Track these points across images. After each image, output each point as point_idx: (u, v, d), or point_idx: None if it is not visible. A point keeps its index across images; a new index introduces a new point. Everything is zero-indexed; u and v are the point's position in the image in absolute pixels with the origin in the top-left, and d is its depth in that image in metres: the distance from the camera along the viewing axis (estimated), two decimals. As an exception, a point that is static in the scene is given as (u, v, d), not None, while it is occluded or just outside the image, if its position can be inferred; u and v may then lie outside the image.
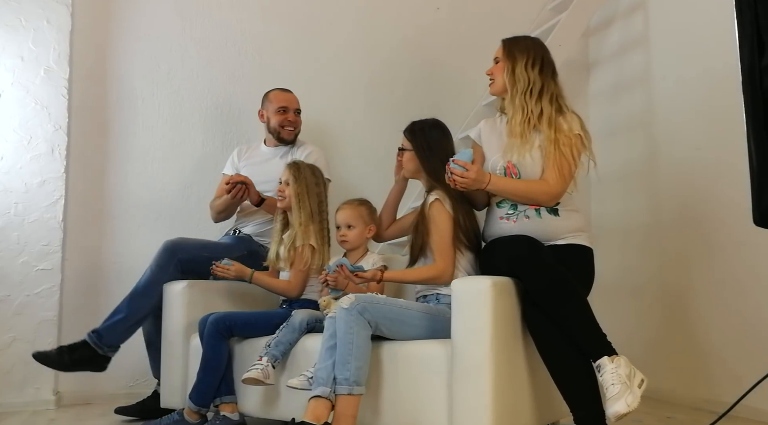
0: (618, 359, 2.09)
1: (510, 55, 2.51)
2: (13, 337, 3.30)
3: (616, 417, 2.01)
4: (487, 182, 2.35)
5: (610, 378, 2.04)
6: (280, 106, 3.28)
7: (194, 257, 2.97)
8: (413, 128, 2.63)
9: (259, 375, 2.39)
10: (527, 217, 2.40)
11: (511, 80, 2.48)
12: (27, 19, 3.43)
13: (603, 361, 2.08)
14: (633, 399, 2.02)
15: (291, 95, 3.35)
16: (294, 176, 2.82)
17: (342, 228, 2.71)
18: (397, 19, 4.04)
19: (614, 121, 4.05)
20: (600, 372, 2.08)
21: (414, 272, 2.51)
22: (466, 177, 2.30)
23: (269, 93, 3.35)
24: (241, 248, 3.11)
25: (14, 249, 3.34)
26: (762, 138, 1.66)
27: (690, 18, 3.47)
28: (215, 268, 2.77)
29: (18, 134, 3.39)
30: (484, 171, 2.38)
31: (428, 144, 2.58)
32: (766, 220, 1.70)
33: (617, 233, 3.92)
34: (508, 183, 2.41)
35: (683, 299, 3.42)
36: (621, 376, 2.04)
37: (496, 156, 2.50)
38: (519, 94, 2.46)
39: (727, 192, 3.12)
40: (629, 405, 2.01)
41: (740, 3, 1.67)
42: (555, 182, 2.37)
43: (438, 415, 2.16)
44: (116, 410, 3.05)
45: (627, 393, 2.02)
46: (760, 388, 2.10)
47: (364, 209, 2.73)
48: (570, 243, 2.39)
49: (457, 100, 3.97)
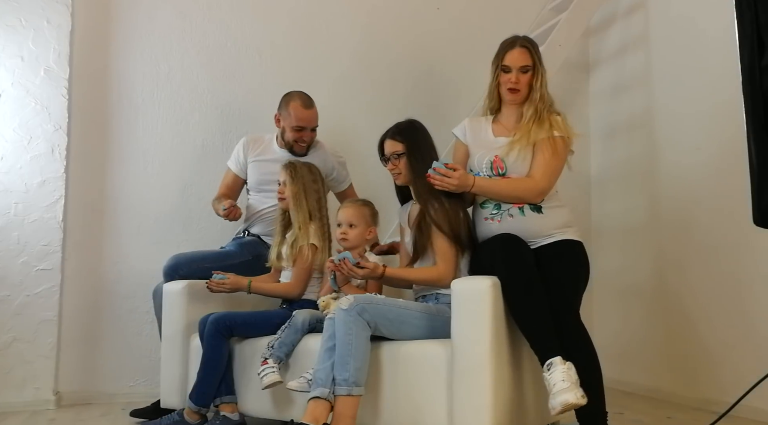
0: (570, 364, 2.08)
1: (536, 51, 2.52)
2: (13, 337, 3.30)
3: (564, 405, 1.99)
4: (472, 184, 2.36)
5: (560, 376, 2.03)
6: (298, 125, 3.15)
7: (194, 271, 2.98)
8: (399, 129, 2.59)
9: (278, 377, 2.42)
10: (511, 215, 2.40)
11: (538, 74, 2.48)
12: (27, 19, 3.43)
13: (555, 360, 2.07)
14: (583, 396, 2.01)
15: (311, 113, 3.17)
16: (291, 176, 2.82)
17: (343, 226, 2.70)
18: (397, 19, 4.04)
19: (614, 121, 4.05)
20: (549, 371, 2.06)
21: (415, 272, 2.50)
22: (450, 180, 2.31)
23: (290, 102, 3.17)
24: (244, 254, 3.11)
25: (14, 249, 3.34)
26: (762, 138, 1.66)
27: (690, 18, 3.47)
28: (210, 284, 2.76)
29: (18, 134, 3.40)
30: (468, 174, 2.39)
31: (418, 143, 2.55)
32: (766, 220, 1.70)
33: (617, 233, 3.92)
34: (492, 184, 2.42)
35: (683, 299, 3.42)
36: (572, 377, 2.04)
37: (482, 151, 2.50)
38: (545, 87, 2.49)
39: (727, 192, 3.11)
40: (578, 398, 1.99)
41: (740, 3, 1.67)
42: (541, 178, 2.39)
43: (438, 415, 2.16)
44: (132, 413, 3.03)
45: (577, 389, 2.01)
46: (760, 388, 2.10)
47: (367, 209, 2.73)
48: (559, 240, 2.39)
49: (457, 100, 3.97)
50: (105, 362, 3.47)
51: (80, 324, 3.47)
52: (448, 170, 2.32)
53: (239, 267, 2.95)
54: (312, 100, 3.21)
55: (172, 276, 2.99)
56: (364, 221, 2.70)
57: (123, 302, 3.52)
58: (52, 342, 3.34)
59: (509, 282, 2.20)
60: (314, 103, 3.21)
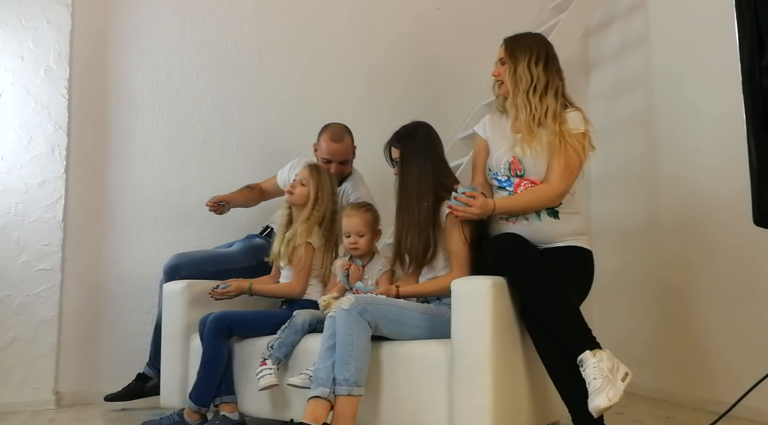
0: (600, 352, 2.08)
1: (512, 54, 2.49)
2: (13, 337, 3.30)
3: (597, 411, 2.00)
4: (493, 208, 2.32)
5: (591, 373, 2.03)
6: (324, 157, 3.18)
7: (196, 273, 2.99)
8: (398, 135, 2.57)
9: (275, 380, 2.41)
10: (526, 219, 2.39)
11: (513, 81, 2.47)
12: (27, 19, 3.43)
13: (585, 356, 2.07)
14: (615, 392, 2.00)
15: (338, 147, 3.17)
16: (315, 176, 2.83)
17: (352, 236, 2.69)
18: (397, 19, 4.04)
19: (614, 121, 4.04)
20: (582, 367, 2.07)
21: (430, 285, 2.45)
22: (471, 210, 2.26)
23: (323, 133, 3.22)
24: (249, 259, 3.11)
25: (14, 249, 3.34)
26: (762, 138, 1.66)
27: (690, 18, 3.47)
28: (214, 294, 2.75)
29: (18, 134, 3.39)
30: (488, 200, 2.33)
31: (418, 147, 2.51)
32: (766, 220, 1.70)
33: (617, 233, 3.92)
34: (513, 201, 2.38)
35: (683, 299, 3.42)
36: (603, 370, 2.03)
37: (501, 151, 2.48)
38: (521, 94, 2.44)
39: (727, 192, 3.11)
40: (610, 398, 1.99)
41: (740, 3, 1.67)
42: (558, 181, 2.35)
43: (438, 415, 2.16)
44: (106, 398, 3.12)
45: (609, 386, 2.01)
46: (760, 388, 2.10)
47: (370, 215, 2.73)
48: (568, 245, 2.38)
49: (457, 100, 3.98)
50: (105, 362, 3.47)
51: (80, 324, 3.46)
52: (468, 198, 2.26)
53: (242, 271, 2.96)
54: (343, 134, 3.20)
55: (173, 276, 2.99)
56: (370, 228, 2.71)
57: (123, 302, 3.52)
58: (52, 342, 3.34)
59: (517, 282, 2.20)
60: (346, 137, 3.21)
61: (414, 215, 2.43)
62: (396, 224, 2.50)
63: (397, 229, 2.49)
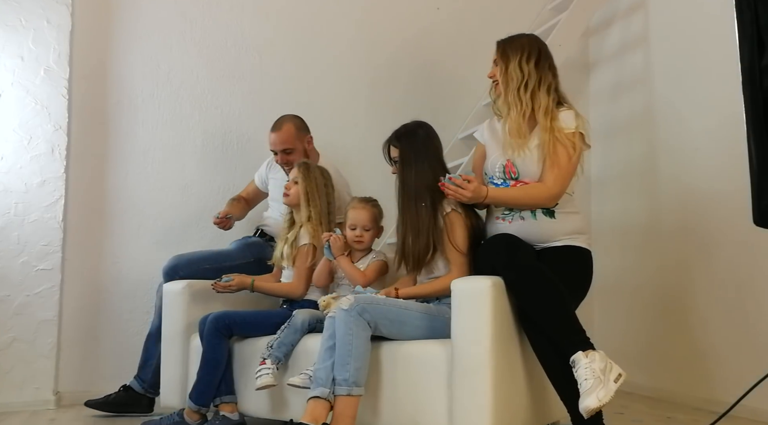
0: (593, 353, 2.07)
1: (504, 55, 2.50)
2: (13, 337, 3.30)
3: (587, 411, 1.99)
4: (485, 195, 2.34)
5: (583, 374, 2.02)
6: (270, 149, 3.22)
7: (194, 272, 2.99)
8: (398, 135, 2.57)
9: (272, 380, 2.41)
10: (522, 218, 2.39)
11: (504, 79, 2.47)
12: (27, 19, 3.43)
13: (577, 356, 2.06)
14: (605, 393, 1.99)
15: (274, 135, 3.16)
16: (303, 174, 2.84)
17: (358, 229, 2.69)
18: (397, 19, 4.04)
19: (614, 121, 4.04)
20: (575, 368, 2.06)
21: (429, 287, 2.46)
22: (463, 192, 2.28)
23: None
24: (246, 255, 3.12)
25: (14, 249, 3.34)
26: (762, 138, 1.66)
27: (690, 18, 3.47)
28: (216, 286, 2.77)
29: (18, 134, 3.39)
30: (481, 186, 2.35)
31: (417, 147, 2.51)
32: (766, 220, 1.70)
33: (616, 233, 3.92)
34: (506, 193, 2.40)
35: (683, 299, 3.41)
36: (595, 371, 2.02)
37: (495, 154, 2.49)
38: (512, 91, 2.44)
39: (727, 192, 3.11)
40: (600, 399, 1.98)
41: (740, 3, 1.67)
42: (554, 182, 2.35)
43: (438, 415, 2.16)
44: (86, 403, 3.11)
45: (599, 387, 2.00)
46: (760, 388, 2.10)
47: (377, 211, 2.75)
48: (565, 244, 2.38)
49: (457, 101, 3.97)
50: (105, 362, 3.47)
51: (80, 324, 3.47)
52: (463, 181, 2.28)
53: (240, 268, 2.96)
54: (283, 122, 3.18)
55: (172, 277, 3.00)
56: (376, 223, 2.74)
57: (123, 302, 3.52)
58: (52, 342, 3.34)
59: (511, 283, 2.19)
60: (285, 125, 3.17)
61: (413, 216, 2.44)
62: (400, 225, 2.50)
63: (400, 230, 2.49)
